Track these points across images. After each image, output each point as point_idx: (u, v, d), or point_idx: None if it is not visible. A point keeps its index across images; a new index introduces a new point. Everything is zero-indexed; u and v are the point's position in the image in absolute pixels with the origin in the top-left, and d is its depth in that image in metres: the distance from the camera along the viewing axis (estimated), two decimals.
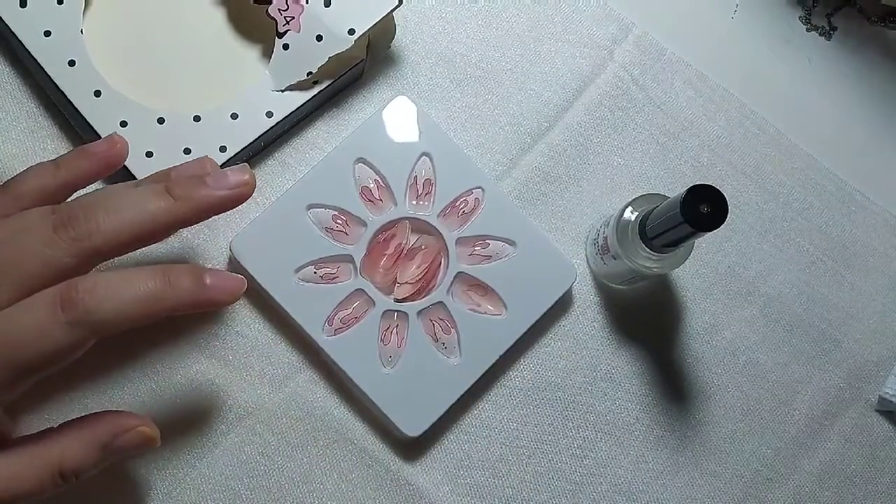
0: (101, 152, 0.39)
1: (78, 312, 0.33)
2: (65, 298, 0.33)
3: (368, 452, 0.46)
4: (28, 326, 0.33)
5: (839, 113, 0.56)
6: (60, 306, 0.33)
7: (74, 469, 0.35)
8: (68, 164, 0.39)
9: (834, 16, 0.57)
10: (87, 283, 0.34)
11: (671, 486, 0.49)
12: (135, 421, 0.37)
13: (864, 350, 0.52)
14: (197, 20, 0.48)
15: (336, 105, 0.50)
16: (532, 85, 0.52)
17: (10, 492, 0.34)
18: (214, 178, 0.37)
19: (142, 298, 0.34)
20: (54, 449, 0.35)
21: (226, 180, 0.38)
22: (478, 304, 0.47)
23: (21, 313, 0.33)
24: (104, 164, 0.39)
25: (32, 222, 0.35)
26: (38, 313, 0.33)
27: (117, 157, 0.39)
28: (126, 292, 0.34)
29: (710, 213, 0.39)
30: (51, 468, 0.35)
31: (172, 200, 0.36)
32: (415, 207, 0.48)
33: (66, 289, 0.34)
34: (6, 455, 0.35)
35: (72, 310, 0.33)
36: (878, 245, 0.54)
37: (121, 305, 0.34)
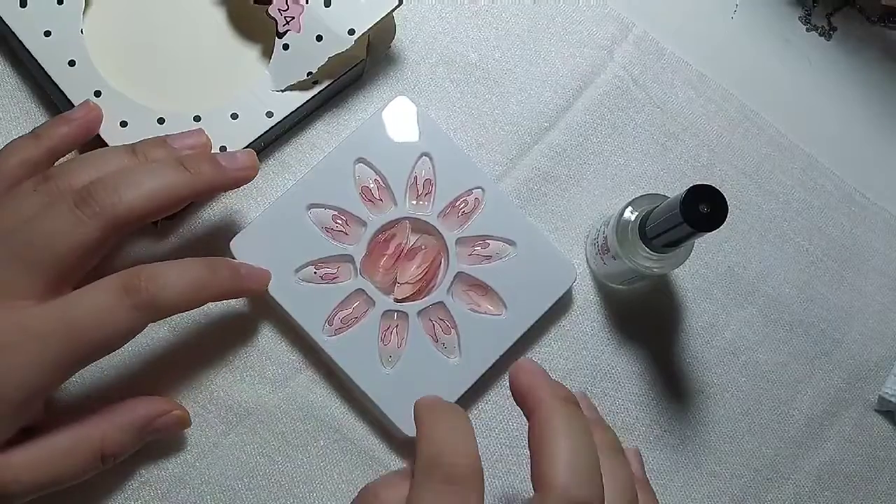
0: (80, 117, 0.42)
1: (142, 297, 0.36)
2: (129, 284, 0.36)
3: (368, 452, 0.46)
4: (95, 309, 0.36)
5: (839, 113, 0.56)
6: (125, 291, 0.36)
7: (115, 452, 0.39)
8: (48, 133, 0.41)
9: (834, 16, 0.57)
10: (149, 271, 0.37)
11: (671, 486, 0.49)
12: (168, 405, 0.42)
13: (864, 350, 0.52)
14: (197, 20, 0.48)
15: (336, 105, 0.50)
16: (532, 85, 0.52)
17: (58, 474, 0.37)
18: (226, 159, 0.41)
19: (193, 285, 0.38)
20: (96, 433, 0.38)
21: (236, 161, 0.41)
22: (478, 304, 0.47)
23: (87, 298, 0.36)
24: (83, 130, 0.42)
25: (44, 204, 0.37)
26: (105, 297, 0.36)
27: (94, 121, 0.42)
28: (181, 279, 0.38)
29: (710, 213, 0.39)
30: (93, 452, 0.38)
31: (189, 173, 0.39)
32: (415, 207, 0.48)
33: (130, 276, 0.37)
34: (51, 439, 0.37)
35: (136, 294, 0.36)
36: (878, 245, 0.54)
37: (179, 291, 0.37)
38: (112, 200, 0.36)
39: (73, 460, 0.37)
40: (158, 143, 0.41)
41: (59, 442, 0.37)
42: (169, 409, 0.41)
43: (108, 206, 0.36)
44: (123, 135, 0.44)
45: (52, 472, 0.37)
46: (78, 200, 0.36)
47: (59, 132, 0.41)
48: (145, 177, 0.38)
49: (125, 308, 0.36)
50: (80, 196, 0.36)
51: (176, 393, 0.45)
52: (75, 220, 0.36)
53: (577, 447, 0.32)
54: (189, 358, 0.45)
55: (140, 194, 0.37)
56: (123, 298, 0.36)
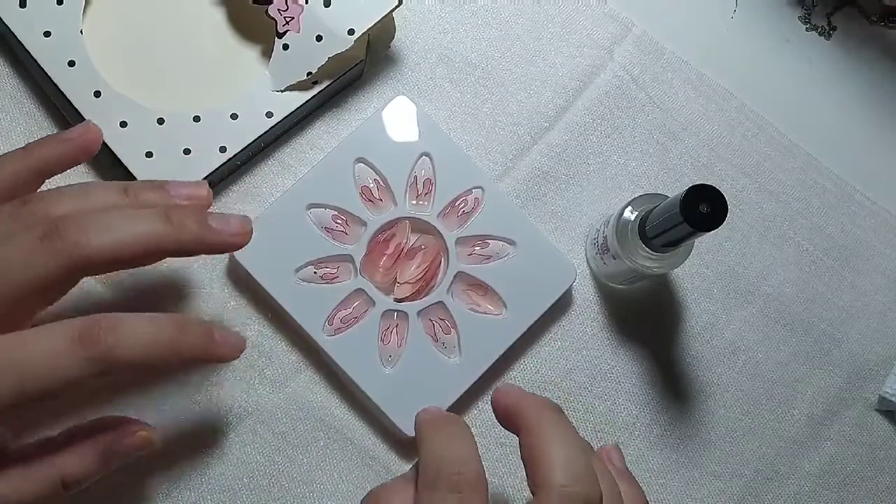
0: (75, 137, 0.39)
1: (98, 349, 0.33)
2: (87, 333, 0.33)
3: (368, 452, 0.46)
4: (44, 354, 0.33)
5: (839, 113, 0.56)
6: (80, 341, 0.33)
7: (76, 479, 0.36)
8: (39, 151, 0.38)
9: (834, 15, 0.57)
10: (110, 322, 0.34)
11: (671, 486, 0.49)
12: (133, 426, 0.37)
13: (864, 350, 0.52)
14: (197, 20, 0.48)
15: (336, 105, 0.50)
16: (532, 85, 0.52)
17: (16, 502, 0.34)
18: (218, 220, 0.38)
19: (157, 343, 0.35)
20: (55, 461, 0.36)
21: (228, 225, 0.38)
22: (478, 304, 0.47)
23: (38, 340, 0.33)
24: (78, 150, 0.39)
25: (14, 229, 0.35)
26: (57, 343, 0.33)
27: (91, 142, 0.39)
28: (143, 336, 0.34)
29: (710, 213, 0.39)
30: (52, 479, 0.35)
31: (170, 227, 0.36)
32: (415, 207, 0.48)
33: (89, 324, 0.34)
34: (10, 468, 0.35)
35: (92, 346, 0.33)
36: (877, 245, 0.54)
37: (138, 348, 0.34)
38: (78, 239, 0.34)
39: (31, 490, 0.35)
40: (155, 186, 0.38)
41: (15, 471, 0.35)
42: (133, 430, 0.37)
43: (72, 245, 0.34)
44: (123, 135, 0.44)
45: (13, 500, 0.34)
46: (44, 233, 0.34)
47: (50, 151, 0.38)
48: (121, 222, 0.35)
49: (77, 358, 0.33)
50: (48, 229, 0.34)
51: (176, 393, 0.45)
52: (37, 253, 0.33)
53: (570, 448, 0.33)
54: None
55: (110, 239, 0.34)
56: (77, 347, 0.33)
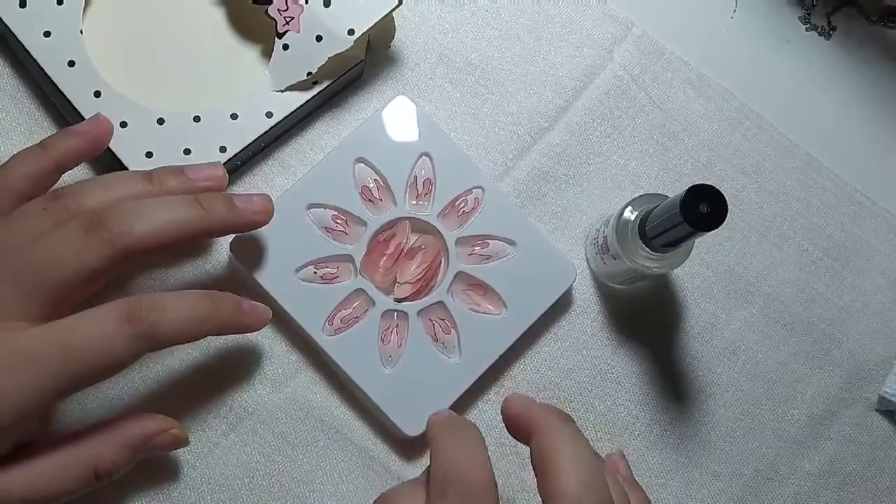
0: (88, 131, 0.41)
1: (143, 326, 0.35)
2: (131, 313, 0.36)
3: (368, 452, 0.46)
4: (94, 336, 0.35)
5: (839, 113, 0.56)
6: (127, 320, 0.35)
7: (109, 470, 0.38)
8: (56, 145, 0.40)
9: (833, 15, 0.57)
10: (151, 301, 0.36)
11: (671, 485, 0.49)
12: (165, 424, 0.40)
13: (864, 350, 0.52)
14: (197, 20, 0.48)
15: (336, 105, 0.50)
16: (532, 85, 0.52)
17: (51, 491, 0.36)
18: (242, 200, 0.41)
19: (195, 318, 0.38)
20: (90, 451, 0.38)
21: (252, 205, 0.41)
22: (478, 304, 0.47)
23: (86, 323, 0.35)
24: (92, 143, 0.41)
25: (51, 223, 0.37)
26: (105, 325, 0.35)
27: (103, 135, 0.41)
28: (183, 311, 0.37)
29: (710, 213, 0.39)
30: (87, 469, 0.37)
31: (203, 211, 0.39)
32: (414, 207, 0.48)
33: (132, 304, 0.36)
34: (45, 457, 0.37)
35: (137, 324, 0.35)
36: (877, 245, 0.54)
37: (180, 322, 0.37)
38: (122, 229, 0.36)
39: (67, 478, 0.37)
40: (175, 172, 0.41)
41: (52, 460, 0.37)
42: (165, 428, 0.40)
43: (117, 235, 0.36)
44: (123, 135, 0.44)
45: (45, 489, 0.36)
46: (88, 225, 0.36)
47: (66, 144, 0.40)
48: (158, 210, 0.38)
49: (125, 337, 0.35)
50: (91, 221, 0.36)
51: (176, 393, 0.45)
52: (83, 245, 0.36)
53: (582, 460, 0.33)
54: (189, 358, 0.45)
55: (152, 226, 0.37)
56: (125, 327, 0.35)
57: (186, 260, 0.46)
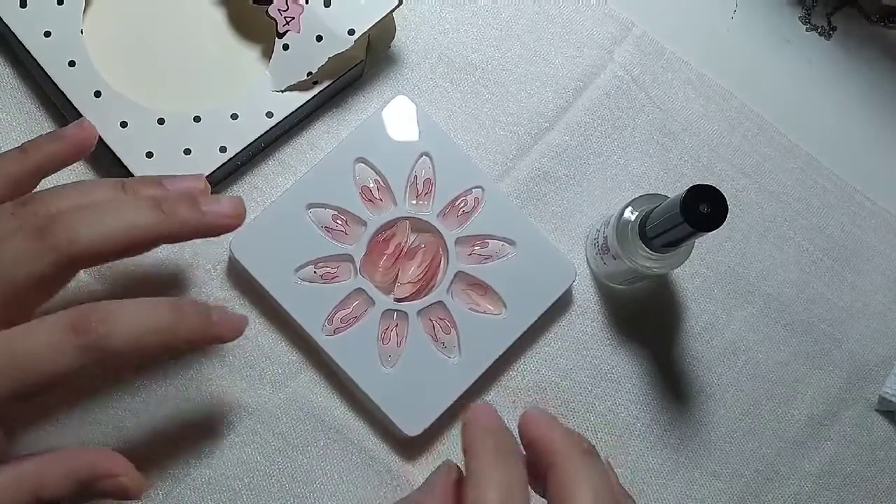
0: (71, 135, 0.39)
1: (90, 338, 0.33)
2: (78, 323, 0.33)
3: (368, 452, 0.46)
4: (39, 346, 0.33)
5: (839, 113, 0.56)
6: (73, 331, 0.33)
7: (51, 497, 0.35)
8: (36, 149, 0.38)
9: (834, 15, 0.58)
10: (103, 311, 0.34)
11: (671, 486, 0.49)
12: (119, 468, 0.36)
13: (864, 350, 0.52)
14: (197, 20, 0.48)
15: (336, 105, 0.50)
16: (532, 85, 0.52)
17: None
18: (209, 203, 0.38)
19: (153, 330, 0.35)
20: (33, 476, 0.35)
21: (219, 207, 0.38)
22: (477, 304, 0.47)
23: (31, 334, 0.34)
24: (74, 148, 0.39)
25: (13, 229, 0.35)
26: (51, 335, 0.33)
27: (87, 140, 0.39)
28: (138, 323, 0.34)
29: (710, 213, 0.39)
30: (28, 493, 0.34)
31: (161, 215, 0.36)
32: (414, 207, 0.48)
33: (81, 314, 0.34)
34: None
35: (85, 335, 0.33)
36: (878, 245, 0.54)
37: (132, 335, 0.34)
38: (69, 236, 0.34)
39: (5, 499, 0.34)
40: (152, 182, 0.39)
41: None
42: (117, 472, 0.36)
43: (63, 241, 0.34)
44: (123, 135, 0.44)
45: None
46: (36, 232, 0.34)
47: (48, 149, 0.39)
48: (110, 215, 0.35)
49: (71, 347, 0.33)
50: (40, 228, 0.34)
51: (176, 393, 0.45)
52: (33, 250, 0.34)
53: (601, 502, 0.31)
54: (189, 359, 0.45)
55: (100, 232, 0.35)
56: (70, 337, 0.33)
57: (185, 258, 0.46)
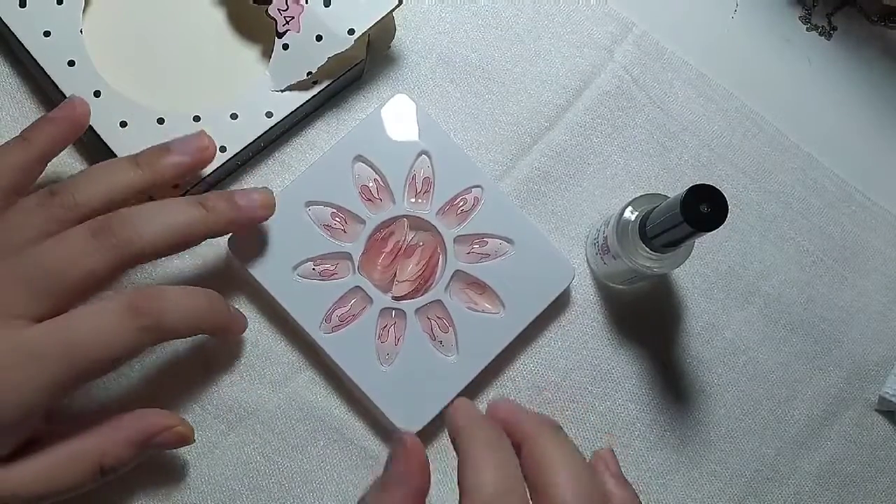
0: (64, 115, 0.41)
1: (148, 320, 0.36)
2: (136, 306, 0.36)
3: (368, 452, 0.46)
4: (98, 330, 0.35)
5: (839, 112, 0.56)
6: (131, 312, 0.36)
7: (114, 465, 0.38)
8: (36, 134, 0.40)
9: (834, 15, 0.57)
10: (155, 293, 0.37)
11: (671, 486, 0.49)
12: (170, 420, 0.40)
13: (864, 350, 0.52)
14: (197, 20, 0.48)
15: (336, 105, 0.50)
16: (532, 85, 0.52)
17: (56, 486, 0.37)
18: (244, 198, 0.41)
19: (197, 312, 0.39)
20: (95, 446, 0.38)
21: (253, 201, 0.42)
22: (475, 303, 0.47)
23: (90, 318, 0.36)
24: (70, 127, 0.41)
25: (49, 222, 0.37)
26: (109, 318, 0.36)
27: (81, 117, 0.41)
28: (185, 305, 0.38)
29: (710, 213, 0.39)
30: (92, 464, 0.38)
31: (205, 212, 0.39)
32: (413, 205, 0.48)
33: (136, 297, 0.36)
34: (50, 452, 0.37)
35: (143, 317, 0.36)
36: (878, 245, 0.54)
37: (182, 316, 0.38)
38: (130, 236, 0.37)
39: (72, 474, 0.37)
40: (161, 151, 0.41)
41: (57, 456, 0.37)
42: (171, 425, 0.40)
43: (125, 241, 0.36)
44: (123, 135, 0.44)
45: (51, 485, 0.36)
46: (96, 230, 0.36)
47: (46, 133, 0.40)
48: (163, 214, 0.38)
49: (131, 330, 0.36)
50: (99, 226, 0.37)
51: (176, 393, 0.45)
52: (91, 250, 0.36)
53: (578, 472, 0.32)
54: (189, 358, 0.45)
55: (158, 232, 0.37)
56: (130, 320, 0.36)
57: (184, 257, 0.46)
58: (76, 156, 0.47)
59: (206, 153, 0.42)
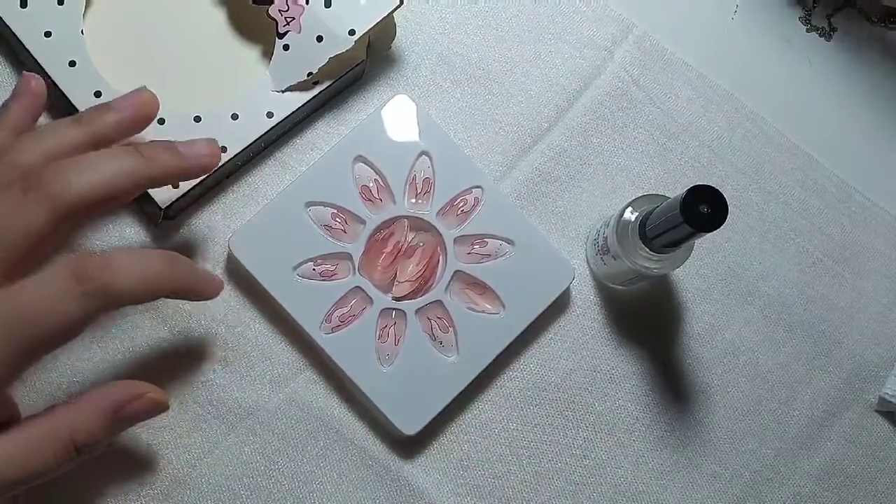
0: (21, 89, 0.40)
1: (94, 284, 0.34)
2: (79, 271, 0.34)
3: (368, 452, 0.46)
4: (43, 297, 0.33)
5: (839, 113, 0.56)
6: (75, 277, 0.34)
7: (87, 441, 0.36)
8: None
9: (834, 16, 0.58)
10: (102, 258, 0.34)
11: (671, 487, 0.49)
12: (142, 388, 0.38)
13: (864, 350, 0.52)
14: (197, 21, 0.48)
15: (336, 106, 0.50)
16: (532, 85, 0.52)
17: (30, 468, 0.35)
18: (185, 146, 0.40)
19: (150, 276, 0.36)
20: (64, 423, 0.36)
21: (195, 149, 0.40)
22: (475, 303, 0.47)
23: (34, 286, 0.34)
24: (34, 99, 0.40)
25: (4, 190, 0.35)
26: (53, 285, 0.34)
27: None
28: (137, 269, 0.35)
29: (710, 214, 0.39)
30: (64, 442, 0.35)
31: (143, 159, 0.37)
32: (413, 206, 0.48)
33: (81, 262, 0.34)
34: (17, 433, 0.35)
35: (88, 282, 0.34)
36: (878, 245, 0.54)
37: (134, 280, 0.35)
38: (60, 187, 0.35)
39: (45, 453, 0.35)
40: (103, 108, 0.39)
41: (26, 434, 0.35)
42: (141, 393, 0.38)
43: (55, 193, 0.34)
44: None
45: (24, 467, 0.35)
46: (26, 185, 0.35)
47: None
48: (96, 163, 0.36)
49: (75, 297, 0.33)
50: (29, 181, 0.35)
51: (176, 394, 0.45)
52: (22, 205, 0.34)
53: None
54: (189, 359, 0.45)
55: (90, 181, 0.35)
56: (74, 285, 0.33)
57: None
58: None
59: (146, 108, 0.40)
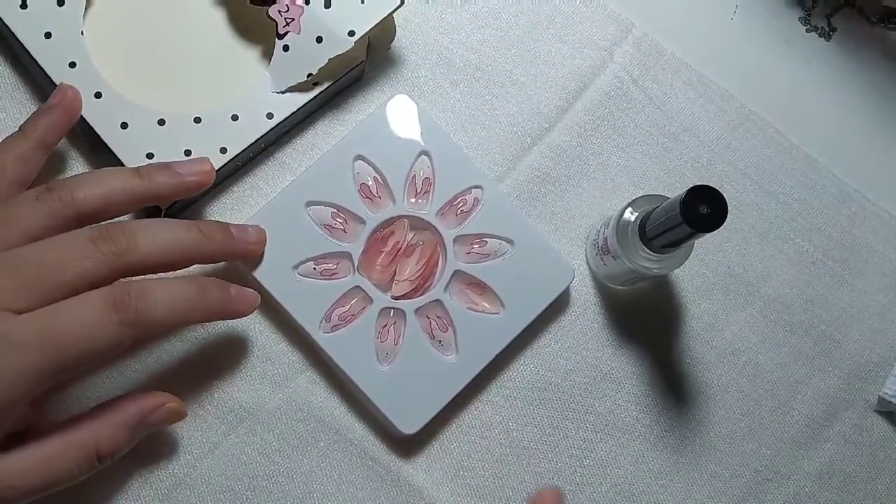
0: (56, 102, 0.43)
1: (130, 313, 0.36)
2: (118, 299, 0.36)
3: (368, 453, 0.46)
4: (79, 323, 0.35)
5: (839, 113, 0.56)
6: (113, 306, 0.36)
7: (110, 451, 0.38)
8: (34, 125, 0.42)
9: (834, 16, 0.58)
10: (138, 287, 0.37)
11: (671, 487, 0.49)
12: (161, 399, 0.41)
13: (864, 350, 0.52)
14: (198, 21, 0.48)
15: (336, 106, 0.50)
16: (532, 85, 0.52)
17: (54, 476, 0.37)
18: (239, 230, 0.43)
19: (183, 305, 0.38)
20: (89, 434, 0.38)
21: (248, 235, 0.43)
22: (475, 303, 0.47)
23: (72, 310, 0.35)
24: (65, 114, 0.43)
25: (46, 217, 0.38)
26: (91, 311, 0.35)
27: (73, 101, 0.43)
28: (170, 298, 0.38)
29: (710, 214, 0.39)
30: (88, 453, 0.37)
31: (202, 237, 0.40)
32: (413, 205, 0.48)
33: (118, 291, 0.36)
34: (44, 442, 0.37)
35: (124, 311, 0.36)
36: (877, 245, 0.54)
37: (167, 309, 0.37)
38: (129, 245, 0.37)
39: (68, 462, 0.37)
40: (163, 167, 0.42)
41: (52, 445, 0.37)
42: (161, 403, 0.40)
43: (123, 250, 0.37)
44: (124, 136, 0.44)
45: (47, 475, 0.36)
46: (96, 237, 0.37)
47: (42, 122, 0.42)
48: (162, 230, 0.39)
49: (112, 323, 0.35)
50: (99, 232, 0.37)
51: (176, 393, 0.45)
52: (88, 253, 0.36)
53: None
54: (189, 359, 0.45)
55: (154, 244, 0.38)
56: (111, 313, 0.35)
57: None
58: (80, 159, 0.47)
59: (203, 177, 0.42)
